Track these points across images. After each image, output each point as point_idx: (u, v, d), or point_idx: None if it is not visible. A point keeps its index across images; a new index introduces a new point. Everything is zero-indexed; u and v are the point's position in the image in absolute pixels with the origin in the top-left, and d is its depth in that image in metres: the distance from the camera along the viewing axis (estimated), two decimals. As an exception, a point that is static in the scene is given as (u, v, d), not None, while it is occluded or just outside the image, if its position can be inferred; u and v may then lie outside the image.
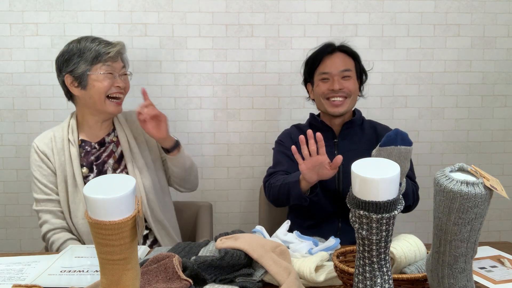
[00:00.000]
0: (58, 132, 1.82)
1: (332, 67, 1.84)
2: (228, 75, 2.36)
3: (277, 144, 1.97)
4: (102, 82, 1.73)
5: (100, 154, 1.82)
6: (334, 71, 1.84)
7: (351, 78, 1.85)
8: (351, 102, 1.86)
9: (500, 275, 1.29)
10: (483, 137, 2.48)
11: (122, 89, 1.78)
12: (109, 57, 1.73)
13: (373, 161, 0.92)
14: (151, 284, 1.17)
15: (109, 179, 0.94)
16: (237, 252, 1.20)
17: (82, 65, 1.72)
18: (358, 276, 0.94)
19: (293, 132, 1.95)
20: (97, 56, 1.72)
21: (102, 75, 1.73)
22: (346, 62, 1.86)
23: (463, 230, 0.92)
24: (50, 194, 1.77)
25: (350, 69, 1.85)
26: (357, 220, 0.90)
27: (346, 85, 1.83)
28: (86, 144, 1.82)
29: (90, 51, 1.72)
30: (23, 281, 1.26)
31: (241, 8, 2.32)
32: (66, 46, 1.77)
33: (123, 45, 1.80)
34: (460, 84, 2.43)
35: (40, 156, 1.79)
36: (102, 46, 1.73)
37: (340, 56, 1.87)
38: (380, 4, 2.36)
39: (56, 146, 1.79)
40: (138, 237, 0.95)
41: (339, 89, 1.82)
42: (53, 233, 1.73)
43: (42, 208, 1.76)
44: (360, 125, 1.93)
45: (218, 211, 2.43)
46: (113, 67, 1.75)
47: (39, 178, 1.78)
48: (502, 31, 2.41)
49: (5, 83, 2.29)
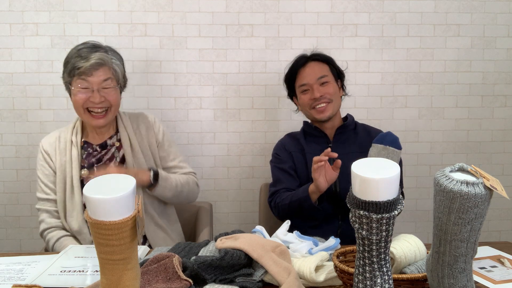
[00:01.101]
0: (64, 132, 1.84)
1: (308, 77, 1.91)
2: (228, 75, 2.36)
3: (274, 158, 2.01)
4: (77, 95, 1.73)
5: (101, 156, 1.82)
6: (311, 81, 1.91)
7: (329, 82, 1.91)
8: (335, 104, 1.92)
9: (500, 275, 1.29)
10: (483, 137, 2.48)
11: (97, 104, 1.72)
12: (82, 72, 1.69)
13: (373, 161, 0.92)
14: (151, 284, 1.17)
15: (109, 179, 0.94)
16: (237, 252, 1.20)
17: (66, 77, 1.75)
18: (358, 276, 0.94)
19: (286, 143, 2.01)
20: (72, 70, 1.71)
21: (77, 89, 1.72)
22: (321, 68, 1.93)
23: (463, 230, 0.92)
24: (49, 194, 1.80)
25: (326, 75, 1.92)
26: (357, 220, 0.90)
27: (326, 91, 1.89)
28: (88, 146, 1.83)
29: (69, 64, 1.73)
30: (23, 281, 1.26)
31: (241, 8, 2.32)
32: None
33: (101, 57, 1.70)
34: (460, 84, 2.43)
35: (44, 155, 1.81)
36: (77, 60, 1.70)
37: (314, 65, 1.94)
38: (380, 4, 2.36)
39: (59, 146, 1.81)
40: (138, 237, 0.95)
41: (320, 96, 1.88)
42: (48, 232, 1.77)
43: (41, 207, 1.80)
44: (353, 129, 1.98)
45: (218, 211, 2.43)
46: (89, 82, 1.71)
47: (41, 178, 1.81)
48: (502, 31, 2.40)
49: (5, 83, 2.29)
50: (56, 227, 1.77)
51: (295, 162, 1.94)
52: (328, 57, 1.98)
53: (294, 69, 1.97)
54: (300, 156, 1.94)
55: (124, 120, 1.86)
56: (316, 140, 1.96)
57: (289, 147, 1.98)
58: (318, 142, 1.96)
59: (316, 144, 1.95)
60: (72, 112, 2.29)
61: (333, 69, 1.97)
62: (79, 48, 1.74)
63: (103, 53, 1.72)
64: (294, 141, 2.00)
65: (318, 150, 1.85)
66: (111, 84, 1.75)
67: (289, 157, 1.95)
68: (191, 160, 2.39)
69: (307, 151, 1.94)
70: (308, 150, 1.93)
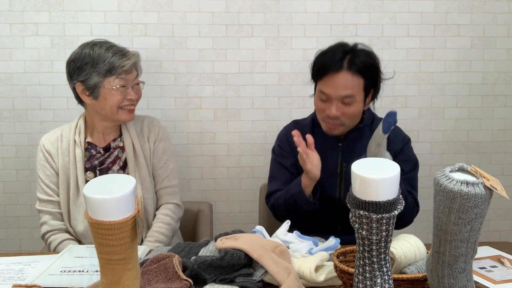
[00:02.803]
0: (66, 131, 1.80)
1: (333, 90, 1.61)
2: (228, 75, 2.36)
3: (275, 150, 1.86)
4: (115, 96, 1.69)
5: (104, 159, 1.79)
6: (333, 95, 1.61)
7: (354, 102, 1.63)
8: (349, 126, 1.69)
9: (500, 275, 1.29)
10: (483, 137, 2.48)
11: (134, 101, 1.75)
12: (123, 70, 1.68)
13: (373, 161, 0.92)
14: (151, 284, 1.17)
15: (109, 179, 0.94)
16: (237, 252, 1.20)
17: (95, 77, 1.66)
18: (358, 276, 0.94)
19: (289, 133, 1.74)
20: (111, 69, 1.66)
21: (115, 89, 1.68)
22: (352, 85, 1.61)
23: (463, 230, 0.92)
24: (51, 195, 1.76)
25: (354, 95, 1.61)
26: (357, 220, 0.91)
27: (345, 111, 1.63)
28: (92, 147, 1.79)
29: (104, 63, 1.65)
30: (23, 281, 1.26)
31: (241, 8, 2.32)
32: (78, 50, 1.71)
33: (138, 55, 1.75)
34: (460, 84, 2.43)
35: (45, 155, 1.77)
36: (117, 58, 1.67)
37: (346, 76, 1.61)
38: (380, 4, 2.36)
39: (61, 146, 1.77)
40: (138, 237, 0.95)
41: (334, 116, 1.63)
42: (51, 234, 1.73)
43: (43, 209, 1.76)
44: (369, 126, 1.74)
45: (218, 211, 2.43)
46: (127, 80, 1.71)
47: (42, 178, 1.77)
48: (502, 31, 2.40)
49: (5, 83, 2.29)
50: (59, 230, 1.74)
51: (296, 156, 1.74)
52: (369, 64, 1.63)
53: (325, 69, 1.63)
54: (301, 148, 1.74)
55: (128, 123, 1.82)
56: (324, 137, 1.75)
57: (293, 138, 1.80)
58: (327, 138, 1.74)
59: (324, 140, 1.74)
60: (72, 112, 2.30)
61: (368, 83, 1.64)
62: (106, 47, 1.68)
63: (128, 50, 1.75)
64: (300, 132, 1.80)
65: (326, 148, 1.72)
66: (139, 81, 1.78)
67: (291, 152, 1.76)
68: (191, 160, 2.39)
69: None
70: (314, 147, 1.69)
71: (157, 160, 1.83)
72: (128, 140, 1.80)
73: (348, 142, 1.74)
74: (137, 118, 1.85)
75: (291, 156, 1.78)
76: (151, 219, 1.80)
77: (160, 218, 1.79)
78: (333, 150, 1.75)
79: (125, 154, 1.79)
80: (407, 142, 1.80)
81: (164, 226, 1.76)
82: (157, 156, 1.83)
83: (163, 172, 1.83)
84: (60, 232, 1.74)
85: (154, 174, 1.84)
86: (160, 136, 1.85)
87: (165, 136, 1.87)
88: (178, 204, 1.85)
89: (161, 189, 1.84)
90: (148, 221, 1.80)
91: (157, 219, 1.79)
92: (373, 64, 1.65)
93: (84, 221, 1.72)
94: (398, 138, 1.77)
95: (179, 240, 1.93)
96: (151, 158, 1.82)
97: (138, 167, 1.79)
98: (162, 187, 1.83)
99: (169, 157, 1.85)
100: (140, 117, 1.87)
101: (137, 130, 1.83)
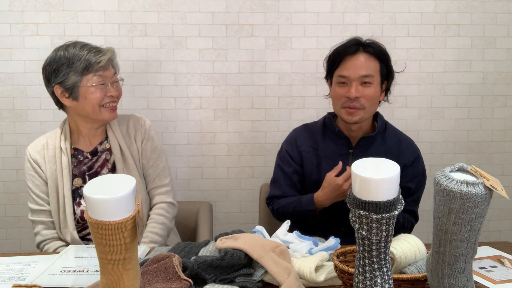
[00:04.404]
0: (51, 139, 1.76)
1: (351, 70, 1.65)
2: (228, 75, 2.36)
3: (281, 154, 1.85)
4: (95, 94, 1.66)
5: (92, 164, 1.76)
6: (353, 76, 1.65)
7: (372, 84, 1.66)
8: (368, 111, 1.69)
9: (500, 275, 1.29)
10: (483, 137, 2.47)
11: (115, 98, 1.72)
12: (100, 66, 1.66)
13: (373, 161, 0.93)
14: (151, 284, 1.17)
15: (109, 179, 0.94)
16: (237, 252, 1.20)
17: (72, 76, 1.64)
18: (358, 276, 0.94)
19: (299, 138, 1.82)
20: (88, 66, 1.64)
21: (94, 86, 1.66)
22: (370, 65, 1.66)
23: (463, 230, 0.92)
24: (42, 205, 1.73)
25: (372, 75, 1.66)
26: (357, 220, 0.91)
27: (365, 93, 1.65)
28: (79, 153, 1.76)
29: (80, 61, 1.64)
30: (23, 281, 1.26)
31: (241, 8, 2.32)
32: (53, 54, 1.69)
33: (113, 51, 1.72)
34: (460, 84, 2.43)
35: (32, 164, 1.74)
36: (92, 55, 1.65)
37: (363, 57, 1.67)
38: (380, 4, 2.36)
39: (48, 154, 1.73)
40: (138, 237, 0.95)
41: (355, 97, 1.64)
42: (45, 244, 1.72)
43: (35, 219, 1.74)
44: (381, 134, 1.76)
45: (218, 211, 2.43)
46: (105, 76, 1.68)
47: (32, 188, 1.74)
48: (502, 31, 2.40)
49: (5, 83, 2.29)
50: (52, 239, 1.72)
51: (304, 163, 1.77)
52: (383, 51, 1.70)
53: (341, 54, 1.68)
54: (312, 157, 1.76)
55: (112, 124, 1.78)
56: (335, 141, 1.75)
57: (301, 143, 1.79)
58: (338, 144, 1.75)
59: (334, 145, 1.75)
60: (72, 112, 2.30)
61: (383, 68, 1.69)
62: (80, 46, 1.67)
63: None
64: (309, 137, 1.80)
65: (337, 153, 1.72)
66: (117, 78, 1.76)
67: (297, 157, 1.79)
68: (191, 160, 2.39)
69: (322, 153, 1.75)
70: (324, 152, 1.75)
71: (146, 160, 1.80)
72: (115, 142, 1.77)
73: (360, 149, 1.74)
74: (122, 118, 1.82)
75: (296, 162, 1.80)
76: (144, 220, 1.77)
77: (153, 218, 1.77)
78: (344, 156, 1.74)
79: (113, 157, 1.76)
80: (418, 156, 1.80)
81: (158, 226, 1.74)
82: (146, 156, 1.80)
83: (153, 171, 1.81)
84: (53, 241, 1.72)
85: (144, 174, 1.81)
86: (147, 135, 1.81)
87: (152, 135, 1.83)
88: (172, 203, 1.83)
89: (153, 188, 1.81)
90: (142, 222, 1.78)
91: (151, 219, 1.77)
92: (386, 52, 1.72)
93: (71, 231, 1.69)
94: (409, 150, 1.78)
95: (176, 237, 1.92)
96: (140, 159, 1.80)
97: (127, 169, 1.75)
98: (154, 186, 1.81)
99: (158, 155, 1.82)
100: (125, 116, 1.84)
101: (122, 131, 1.79)
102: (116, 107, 1.74)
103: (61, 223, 1.71)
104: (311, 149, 1.78)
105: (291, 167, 1.80)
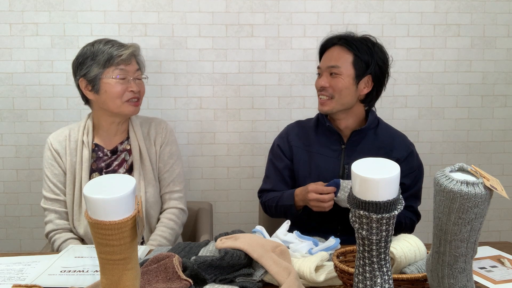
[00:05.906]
0: (74, 131, 1.79)
1: (323, 62, 1.73)
2: (228, 75, 2.36)
3: (273, 149, 1.87)
4: (115, 87, 1.69)
5: (111, 162, 1.78)
6: (322, 66, 1.72)
7: (340, 76, 1.66)
8: (339, 103, 1.68)
9: (500, 275, 1.29)
10: (483, 137, 2.48)
11: (136, 93, 1.73)
12: (122, 60, 1.69)
13: (373, 161, 0.92)
14: (151, 284, 1.17)
15: (109, 179, 0.94)
16: (237, 252, 1.20)
17: (95, 68, 1.69)
18: (358, 276, 0.94)
19: (291, 134, 1.83)
20: (109, 59, 1.68)
21: (114, 79, 1.69)
22: (339, 57, 1.68)
23: (463, 230, 0.92)
24: (58, 194, 1.75)
25: (339, 66, 1.67)
26: (357, 220, 0.91)
27: (332, 83, 1.67)
28: (99, 149, 1.78)
29: (103, 54, 1.68)
30: (23, 281, 1.26)
31: (241, 8, 2.32)
32: (81, 49, 1.74)
33: (137, 47, 1.76)
34: (460, 84, 2.43)
35: (53, 154, 1.76)
36: (114, 49, 1.69)
37: (336, 50, 1.70)
38: (380, 4, 2.36)
39: (69, 146, 1.76)
40: (138, 237, 0.95)
41: (321, 87, 1.69)
42: (55, 232, 1.73)
43: (49, 207, 1.75)
44: (373, 129, 1.76)
45: (218, 211, 2.43)
46: (126, 71, 1.71)
47: (50, 177, 1.76)
48: (502, 31, 2.41)
49: (5, 83, 2.29)
50: (64, 229, 1.73)
51: (294, 158, 1.78)
52: (359, 45, 1.68)
53: (322, 48, 1.77)
54: (304, 152, 1.77)
55: (135, 125, 1.81)
56: (327, 137, 1.76)
57: (293, 139, 1.81)
58: (330, 139, 1.76)
59: (327, 140, 1.76)
60: (72, 112, 2.30)
61: (358, 62, 1.67)
62: (106, 41, 1.72)
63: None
64: (301, 133, 1.81)
65: (329, 151, 1.74)
66: (141, 75, 1.78)
67: (288, 151, 1.80)
68: (191, 160, 2.39)
69: (314, 149, 1.76)
70: (316, 148, 1.76)
71: (163, 164, 1.82)
72: (135, 143, 1.79)
73: (351, 144, 1.74)
74: (145, 120, 1.85)
75: (287, 157, 1.82)
76: (154, 223, 1.79)
77: (164, 222, 1.78)
78: (336, 152, 1.75)
79: (132, 158, 1.78)
80: (411, 151, 1.79)
81: (167, 230, 1.76)
82: (163, 160, 1.82)
83: (168, 176, 1.82)
84: (65, 231, 1.73)
85: (159, 178, 1.83)
86: (167, 140, 1.83)
87: (172, 140, 1.86)
88: (183, 209, 1.84)
89: (166, 193, 1.83)
90: (151, 225, 1.79)
91: (161, 223, 1.78)
92: (368, 46, 1.70)
93: (86, 224, 1.71)
94: (402, 146, 1.77)
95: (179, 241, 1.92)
96: (157, 162, 1.81)
97: (144, 171, 1.78)
98: (167, 191, 1.83)
99: (175, 161, 1.84)
100: (148, 119, 1.87)
101: (144, 132, 1.82)
102: (138, 102, 1.76)
103: (75, 215, 1.73)
104: (302, 144, 1.79)
105: (282, 162, 1.82)
